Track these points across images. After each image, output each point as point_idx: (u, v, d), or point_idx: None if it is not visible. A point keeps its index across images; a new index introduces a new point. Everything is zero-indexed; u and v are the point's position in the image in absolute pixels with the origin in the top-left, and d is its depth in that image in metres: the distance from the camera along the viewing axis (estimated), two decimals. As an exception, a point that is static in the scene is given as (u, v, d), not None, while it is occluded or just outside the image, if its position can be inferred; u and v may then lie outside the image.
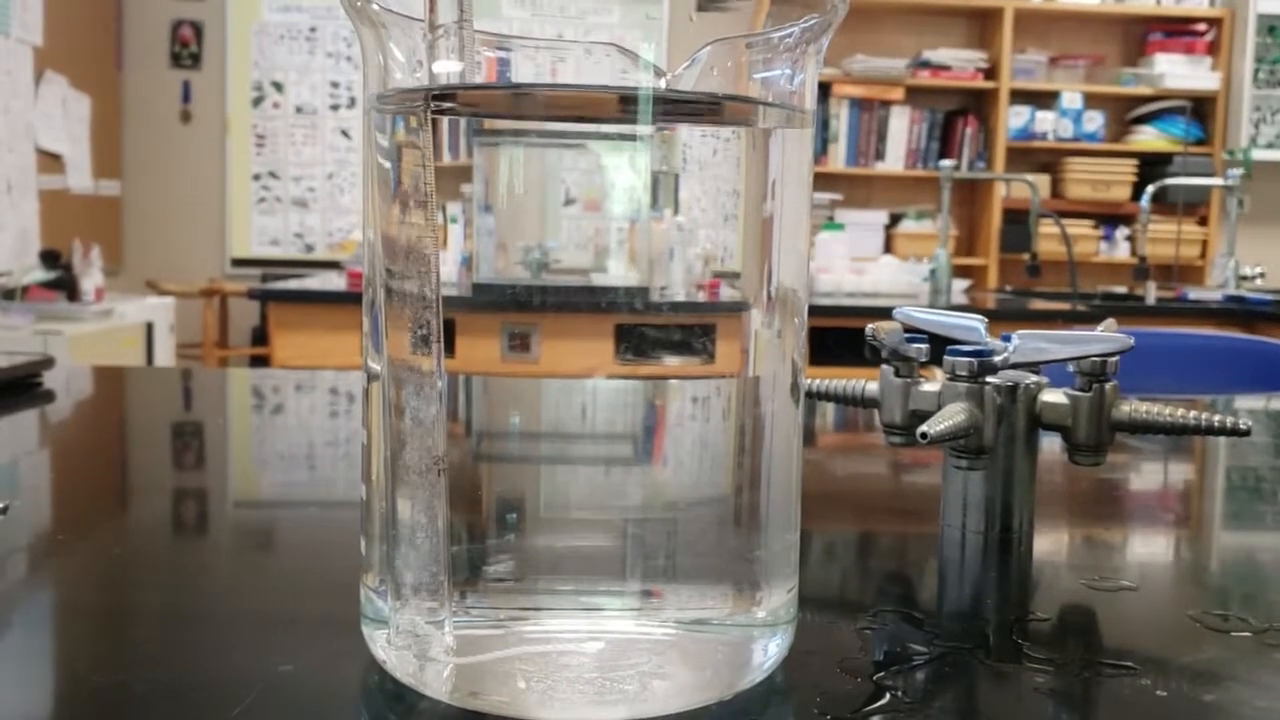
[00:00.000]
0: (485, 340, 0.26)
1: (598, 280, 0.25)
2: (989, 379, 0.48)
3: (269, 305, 2.31)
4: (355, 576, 0.36)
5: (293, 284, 2.52)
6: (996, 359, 0.48)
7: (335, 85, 4.90)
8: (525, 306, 0.25)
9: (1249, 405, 1.03)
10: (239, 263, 4.88)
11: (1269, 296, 2.74)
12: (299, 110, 4.90)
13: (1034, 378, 0.51)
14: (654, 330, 0.25)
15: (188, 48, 4.87)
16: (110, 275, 4.27)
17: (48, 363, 0.90)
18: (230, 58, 4.86)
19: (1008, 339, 0.50)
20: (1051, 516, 0.57)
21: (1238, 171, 2.73)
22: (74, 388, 0.95)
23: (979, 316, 0.54)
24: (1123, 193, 4.64)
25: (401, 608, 0.34)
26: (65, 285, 3.78)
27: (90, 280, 3.82)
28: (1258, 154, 4.31)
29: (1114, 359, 0.49)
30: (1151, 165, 4.59)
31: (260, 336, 4.45)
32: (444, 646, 0.34)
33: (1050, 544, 0.52)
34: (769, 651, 0.34)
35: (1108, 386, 0.49)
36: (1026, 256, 3.21)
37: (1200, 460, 0.77)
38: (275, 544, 0.52)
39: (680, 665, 0.33)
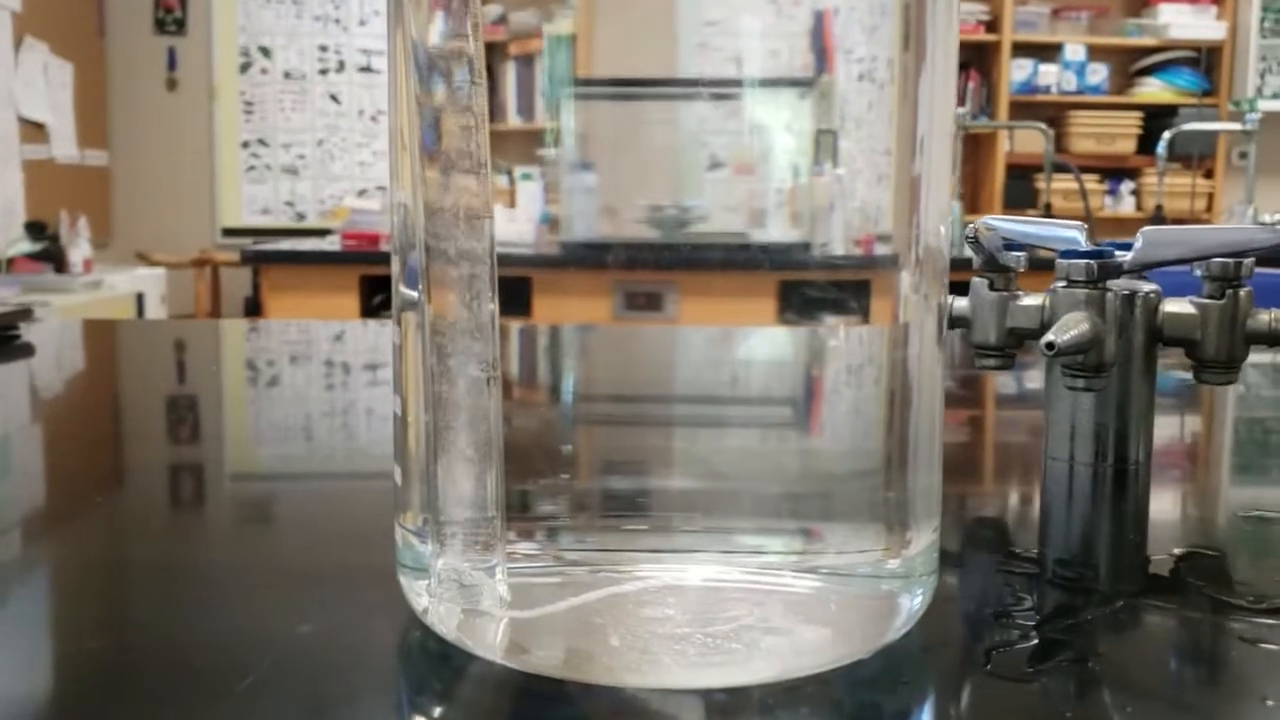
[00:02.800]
0: (583, 299, 0.25)
1: (757, 236, 0.24)
2: (1110, 285, 0.42)
3: (262, 269, 2.24)
4: (388, 522, 0.30)
5: (285, 245, 2.45)
6: (1118, 260, 0.41)
7: (324, 49, 4.80)
8: (656, 264, 0.24)
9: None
10: (230, 232, 4.79)
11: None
12: (287, 75, 4.80)
13: (1151, 286, 0.44)
14: (814, 288, 0.25)
15: (172, 13, 4.75)
16: (99, 247, 4.18)
17: (25, 314, 0.83)
18: (216, 23, 4.75)
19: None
20: (1168, 446, 0.50)
21: (1256, 116, 2.65)
22: (55, 340, 0.88)
23: (1078, 223, 0.47)
24: (1127, 146, 4.56)
25: (444, 551, 0.27)
26: (52, 257, 3.69)
27: (78, 251, 3.74)
28: (1264, 104, 4.23)
29: (1249, 261, 0.42)
30: (1156, 118, 4.50)
31: (254, 307, 4.37)
32: (496, 597, 0.27)
33: (1172, 477, 0.46)
34: (914, 602, 0.27)
35: (1242, 292, 0.43)
36: (1031, 212, 3.14)
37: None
38: (289, 492, 0.45)
39: (796, 618, 0.27)
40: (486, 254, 0.27)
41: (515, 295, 0.26)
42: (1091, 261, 0.41)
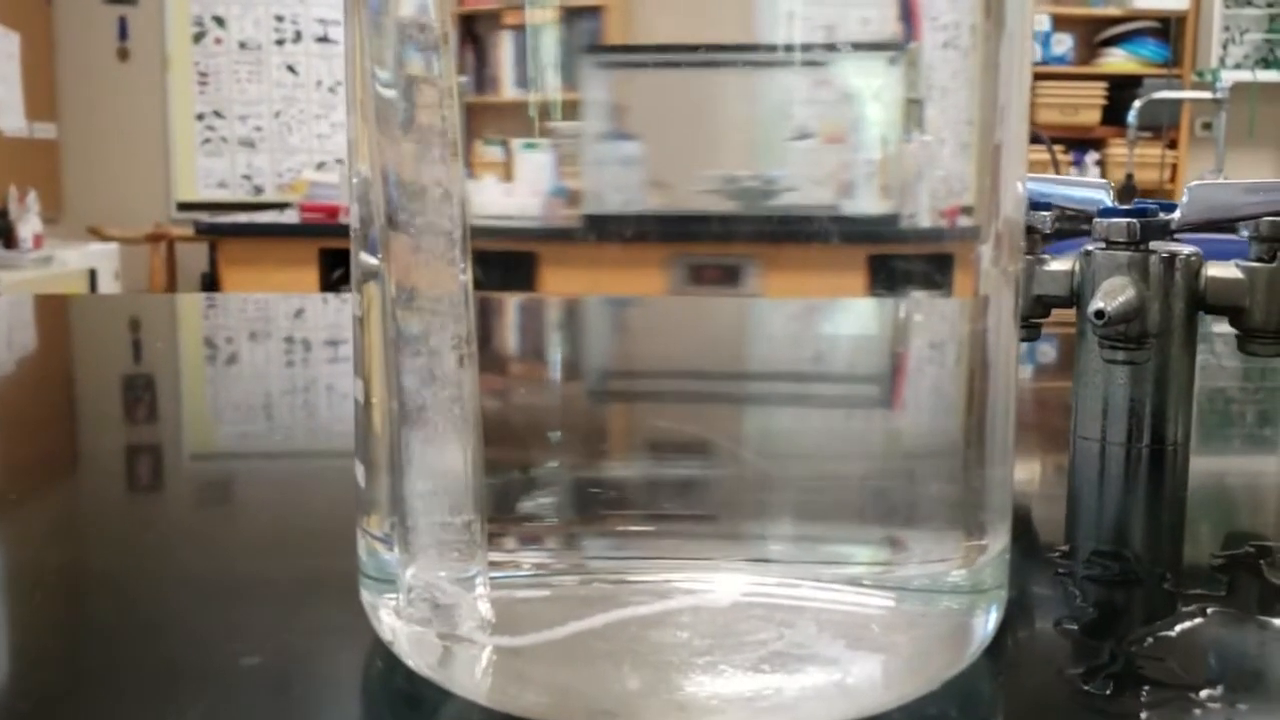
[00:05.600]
0: (615, 272, 0.23)
1: (846, 208, 0.23)
2: (1155, 246, 0.37)
3: (218, 243, 2.17)
4: (349, 517, 0.25)
5: (241, 218, 2.38)
6: (1164, 219, 0.37)
7: (280, 19, 4.68)
8: (725, 237, 0.23)
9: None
10: (185, 206, 4.68)
11: None
12: (242, 46, 4.69)
13: (1190, 248, 0.40)
14: (903, 261, 0.24)
15: (122, -19, 4.62)
16: (49, 222, 4.07)
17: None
18: (167, -9, 4.63)
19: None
20: (1208, 424, 0.46)
21: (1226, 85, 2.63)
22: (4, 318, 0.82)
23: (1103, 181, 0.43)
24: (1092, 117, 4.55)
25: (414, 561, 0.23)
26: (1, 233, 3.59)
27: (27, 227, 3.65)
28: (1228, 74, 4.22)
29: (1301, 220, 0.38)
30: (1120, 88, 4.49)
31: (210, 282, 4.28)
32: (477, 619, 0.22)
33: (1214, 460, 0.42)
34: (989, 621, 0.23)
35: (1294, 254, 0.39)
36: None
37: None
38: (243, 478, 0.40)
39: (852, 643, 0.22)
40: (456, 224, 0.23)
41: (517, 270, 0.24)
42: (1134, 220, 0.37)
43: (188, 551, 0.31)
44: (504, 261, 0.24)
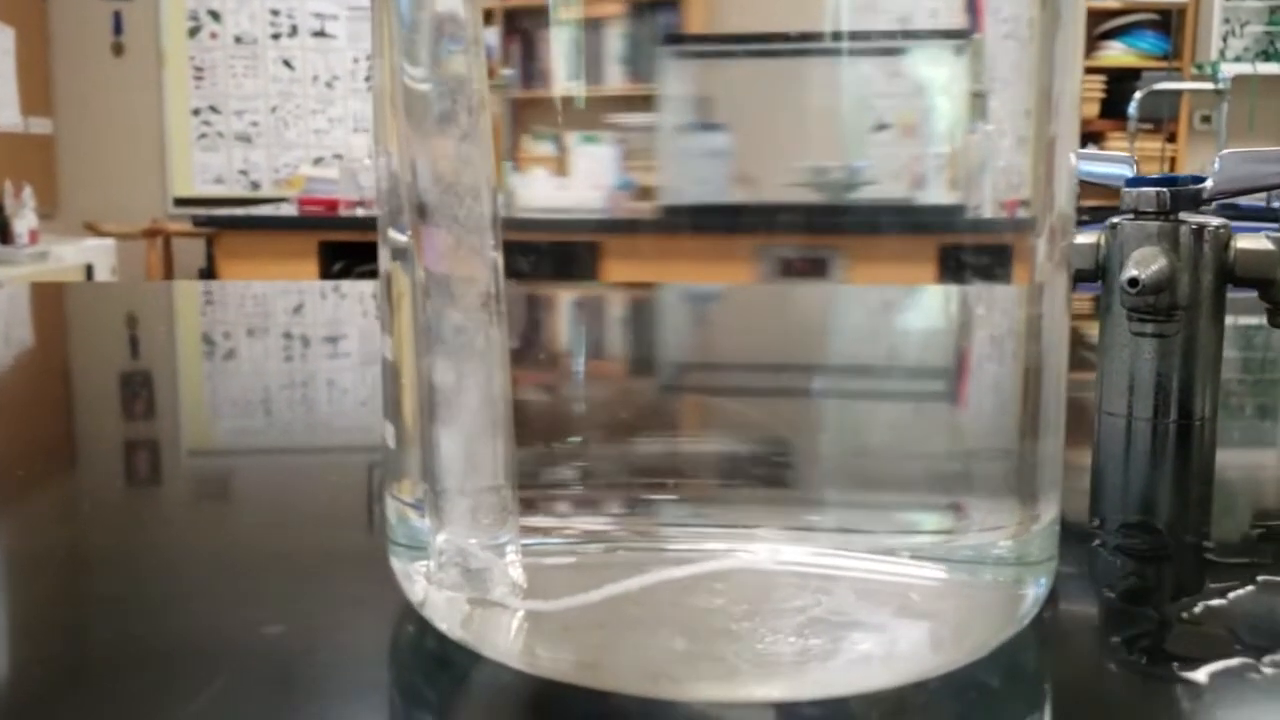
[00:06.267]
0: (697, 264, 0.23)
1: (919, 199, 0.23)
2: (1184, 217, 0.37)
3: (216, 237, 2.16)
4: (366, 498, 0.24)
5: (239, 212, 2.37)
6: (1195, 188, 0.36)
7: (275, 13, 4.67)
8: (810, 228, 0.23)
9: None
10: (182, 202, 4.66)
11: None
12: (238, 40, 4.67)
13: (1218, 220, 0.40)
14: (970, 252, 0.24)
15: (117, -25, 4.60)
16: (45, 218, 4.05)
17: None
18: (163, -14, 4.61)
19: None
20: (1233, 398, 0.46)
21: (1227, 78, 2.62)
22: (1, 309, 0.81)
23: (1126, 155, 0.43)
24: (1091, 110, 4.54)
25: (445, 527, 0.22)
26: (-4, 228, 3.58)
27: (23, 222, 3.63)
28: (1227, 67, 4.22)
29: (1332, 189, 0.38)
30: (1120, 81, 4.48)
31: (208, 277, 4.27)
32: (509, 584, 0.22)
33: (1241, 435, 0.41)
34: (1038, 589, 0.22)
35: (1326, 225, 0.38)
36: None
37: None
38: (251, 466, 0.40)
39: (899, 610, 0.22)
40: (485, 208, 0.23)
41: (579, 262, 0.23)
42: (1164, 190, 0.36)
43: (207, 528, 0.31)
44: (563, 253, 0.24)
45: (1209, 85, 2.71)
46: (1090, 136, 4.56)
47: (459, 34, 0.23)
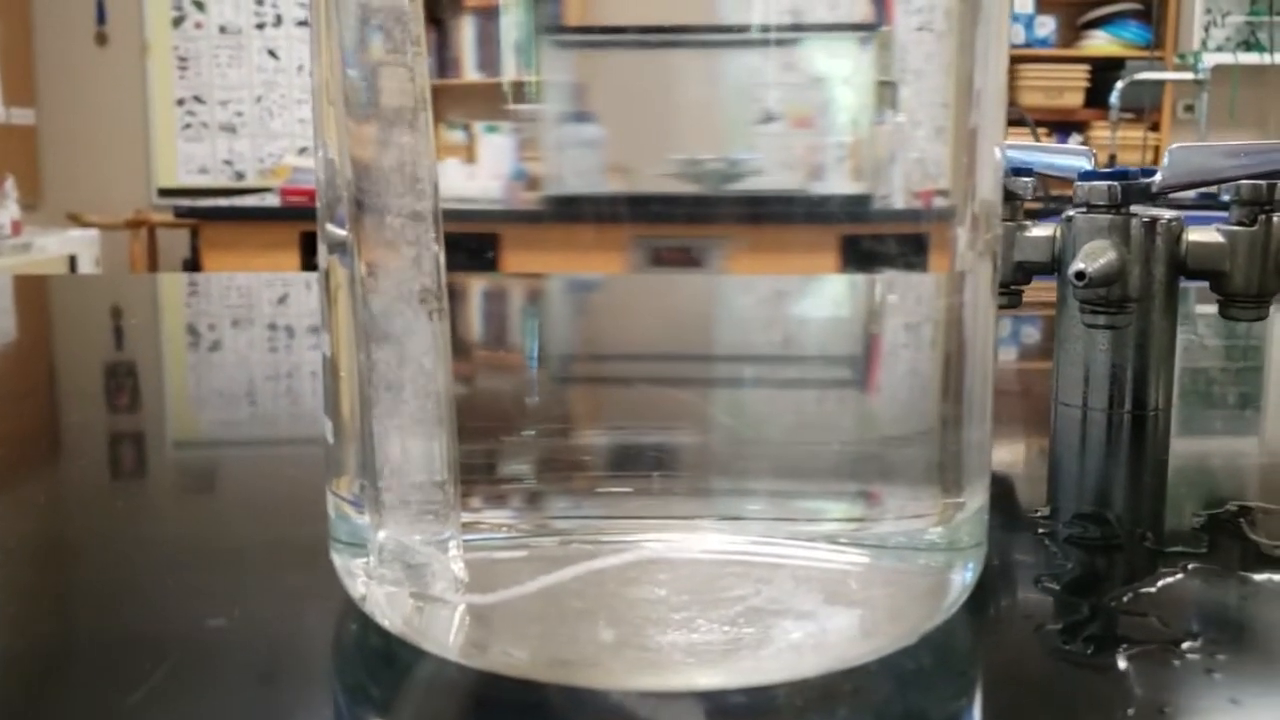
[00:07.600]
0: (576, 254, 0.23)
1: (816, 189, 0.23)
2: (1134, 210, 0.37)
3: (200, 228, 2.15)
4: (319, 489, 0.24)
5: (223, 203, 2.36)
6: (1144, 182, 0.37)
7: (260, 3, 4.64)
8: (689, 219, 0.23)
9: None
10: (166, 193, 4.64)
11: None
12: (223, 30, 4.65)
13: (1171, 213, 0.40)
14: (876, 241, 0.24)
15: (100, -35, 4.58)
16: (28, 209, 4.03)
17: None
18: (146, -25, 4.58)
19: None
20: (1188, 390, 0.46)
21: (1208, 68, 2.63)
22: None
23: (1085, 148, 0.43)
24: (1075, 99, 4.55)
25: (385, 523, 0.22)
26: (-22, 219, 3.56)
27: (6, 213, 3.62)
28: (1209, 57, 4.23)
29: (1282, 183, 0.38)
30: (1103, 70, 4.49)
31: (192, 268, 4.25)
32: (450, 579, 0.22)
33: (1195, 425, 0.42)
34: (966, 576, 0.23)
35: (1276, 218, 0.38)
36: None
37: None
38: (232, 452, 0.40)
39: (827, 598, 0.22)
40: (427, 200, 0.23)
41: (480, 252, 0.24)
42: (1115, 184, 0.37)
43: (162, 521, 0.31)
44: (467, 244, 0.24)
45: (1189, 76, 2.72)
46: (1074, 125, 4.57)
47: (399, 27, 0.23)
